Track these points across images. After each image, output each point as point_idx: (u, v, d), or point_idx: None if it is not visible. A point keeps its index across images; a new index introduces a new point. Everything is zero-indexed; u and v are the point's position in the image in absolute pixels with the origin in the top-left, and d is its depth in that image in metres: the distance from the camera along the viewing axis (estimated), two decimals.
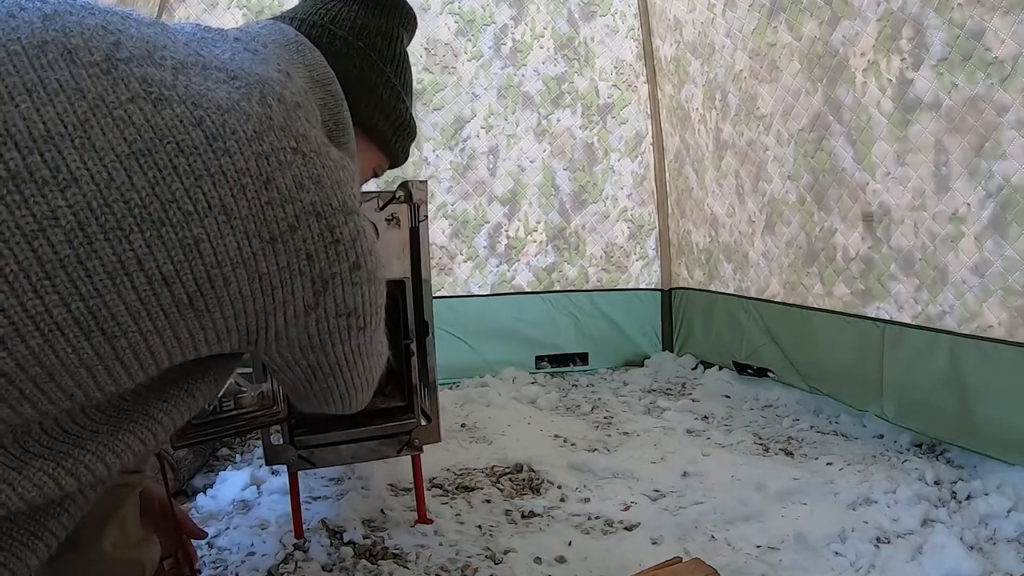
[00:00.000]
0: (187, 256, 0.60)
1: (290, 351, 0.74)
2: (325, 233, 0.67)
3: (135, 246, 0.58)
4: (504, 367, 3.24)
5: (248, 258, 0.63)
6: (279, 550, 1.61)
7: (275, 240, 0.64)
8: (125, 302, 0.58)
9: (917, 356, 2.11)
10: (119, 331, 0.59)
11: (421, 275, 1.68)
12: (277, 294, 0.66)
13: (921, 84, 1.97)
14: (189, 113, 0.61)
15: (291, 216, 0.65)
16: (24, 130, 0.55)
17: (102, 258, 0.56)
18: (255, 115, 0.65)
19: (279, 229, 0.64)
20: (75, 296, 0.56)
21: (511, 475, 2.10)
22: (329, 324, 0.71)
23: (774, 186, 2.69)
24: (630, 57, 3.43)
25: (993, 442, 1.90)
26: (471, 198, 3.30)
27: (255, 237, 0.63)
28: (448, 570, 1.54)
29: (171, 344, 0.63)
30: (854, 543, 1.58)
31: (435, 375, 1.74)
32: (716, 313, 3.18)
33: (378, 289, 0.75)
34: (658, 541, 1.66)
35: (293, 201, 0.65)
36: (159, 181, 0.59)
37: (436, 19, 3.19)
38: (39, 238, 0.55)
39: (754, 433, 2.44)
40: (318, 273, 0.67)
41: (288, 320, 0.68)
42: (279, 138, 0.65)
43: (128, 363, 0.61)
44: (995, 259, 1.84)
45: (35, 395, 0.57)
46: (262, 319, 0.67)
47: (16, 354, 0.55)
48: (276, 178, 0.64)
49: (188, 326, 0.63)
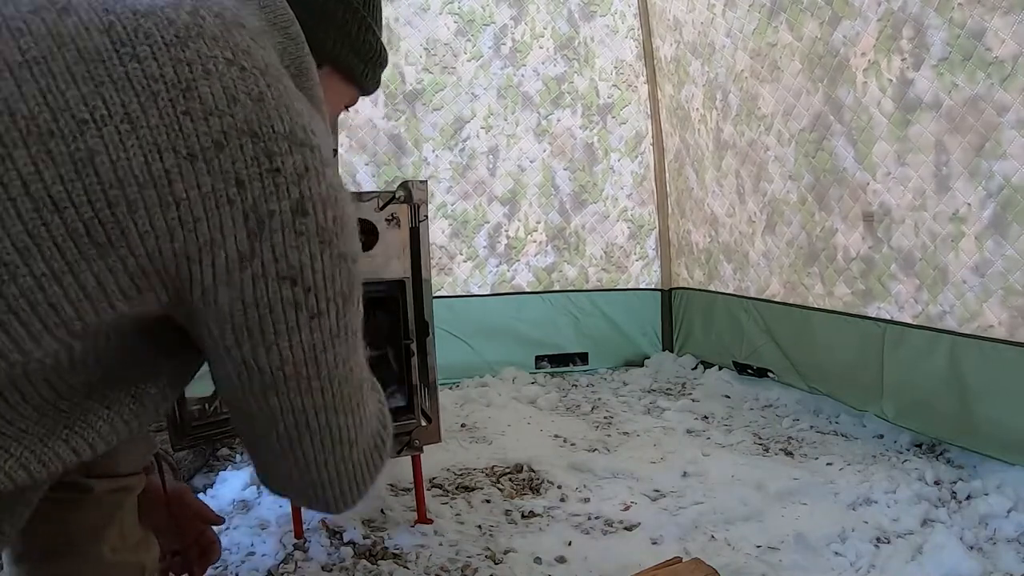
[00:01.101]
0: (80, 173, 0.50)
1: (221, 332, 0.58)
2: (262, 158, 0.55)
3: (19, 165, 0.50)
4: (504, 367, 3.24)
5: (159, 176, 0.52)
6: (279, 550, 1.61)
7: (194, 157, 0.53)
8: (10, 235, 0.50)
9: (917, 356, 2.11)
10: (6, 274, 0.50)
11: (421, 275, 1.68)
12: (201, 230, 0.53)
13: (921, 84, 1.97)
14: (97, 19, 0.53)
15: (216, 131, 0.53)
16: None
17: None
18: (181, 22, 0.55)
19: (200, 145, 0.53)
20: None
21: (511, 475, 2.10)
22: (269, 288, 0.56)
23: (775, 186, 2.69)
24: (630, 57, 3.43)
25: (993, 442, 1.90)
26: (471, 198, 3.30)
27: (168, 151, 0.52)
28: (448, 570, 1.54)
29: (75, 294, 0.52)
30: (854, 543, 1.58)
31: (435, 375, 1.74)
32: (716, 313, 3.18)
33: (336, 263, 0.59)
34: (658, 541, 1.66)
35: (221, 115, 0.54)
36: (51, 89, 0.51)
37: (436, 19, 3.19)
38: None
39: (754, 433, 2.44)
40: (251, 206, 0.54)
41: (218, 274, 0.55)
42: (209, 47, 0.55)
43: (27, 319, 0.51)
44: (995, 259, 1.84)
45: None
46: (183, 266, 0.54)
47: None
48: (200, 87, 0.53)
49: (92, 268, 0.52)
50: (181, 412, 1.35)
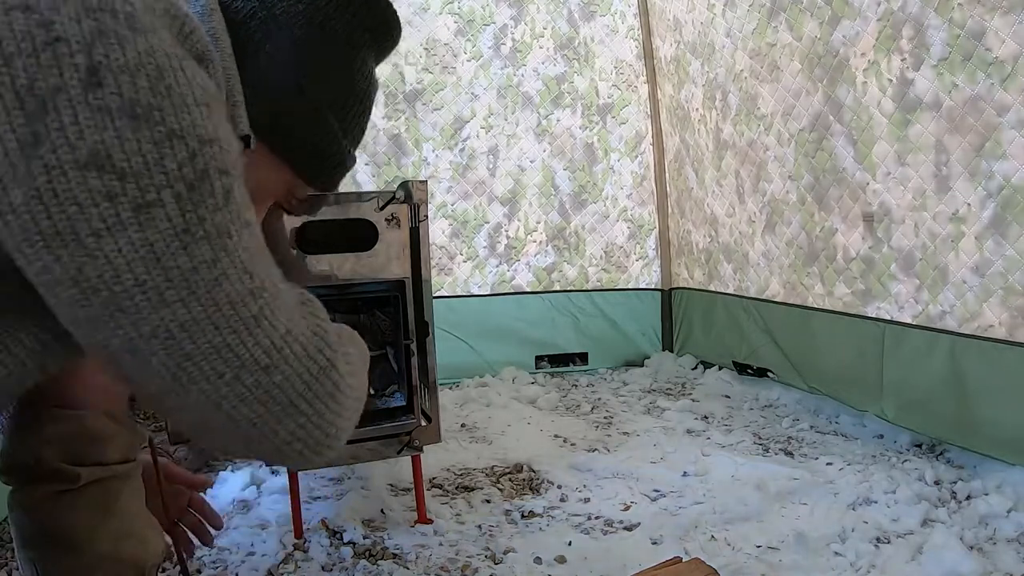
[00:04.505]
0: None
1: (33, 247, 0.48)
2: (35, 29, 0.46)
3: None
4: (504, 367, 3.24)
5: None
6: (279, 550, 1.61)
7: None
8: None
9: (917, 356, 2.11)
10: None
11: (421, 275, 1.68)
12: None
13: (921, 84, 1.97)
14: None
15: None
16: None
17: None
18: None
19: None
20: None
21: (511, 475, 2.10)
22: (70, 178, 0.47)
23: (774, 186, 2.69)
24: (630, 57, 3.43)
25: (993, 442, 1.90)
26: (471, 198, 3.30)
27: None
28: (448, 570, 1.54)
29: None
30: (854, 543, 1.58)
31: (435, 375, 1.74)
32: (716, 313, 3.18)
33: (160, 138, 0.49)
34: (658, 541, 1.66)
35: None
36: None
37: (436, 19, 3.19)
38: None
39: (754, 433, 2.44)
40: (24, 85, 0.46)
41: (1, 168, 0.47)
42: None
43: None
44: (995, 259, 1.84)
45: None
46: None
47: None
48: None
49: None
50: None
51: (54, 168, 0.47)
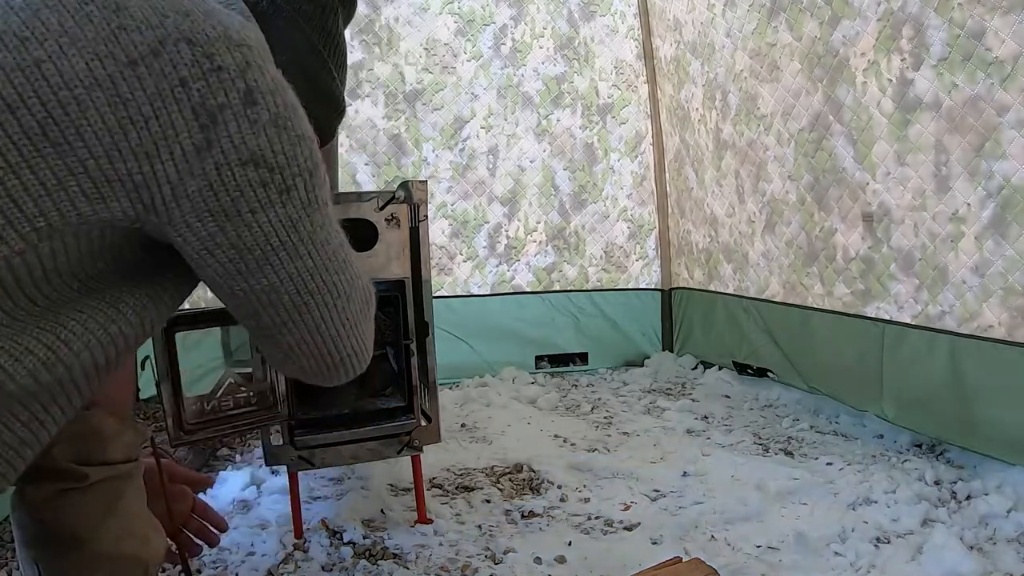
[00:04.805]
0: (28, 78, 0.56)
1: (200, 220, 0.63)
2: (201, 59, 0.60)
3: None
4: (504, 367, 3.24)
5: (103, 80, 0.57)
6: (279, 550, 1.61)
7: (135, 63, 0.58)
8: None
9: (917, 356, 2.11)
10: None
11: (421, 275, 1.68)
12: (152, 127, 0.59)
13: (921, 84, 1.97)
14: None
15: (151, 41, 0.59)
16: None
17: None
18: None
19: (138, 52, 0.58)
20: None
21: (511, 475, 2.10)
22: (235, 175, 0.62)
23: (774, 186, 2.69)
24: (630, 57, 3.43)
25: (993, 442, 1.90)
26: (471, 198, 3.30)
27: (108, 58, 0.58)
28: (448, 570, 1.54)
29: (36, 191, 0.57)
30: (854, 543, 1.58)
31: (435, 375, 1.74)
32: (716, 313, 3.18)
33: (295, 142, 0.65)
34: (658, 541, 1.66)
35: (153, 28, 0.59)
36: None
37: (436, 19, 3.19)
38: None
39: (754, 433, 2.44)
40: (199, 102, 0.60)
41: (179, 166, 0.60)
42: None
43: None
44: (995, 259, 1.84)
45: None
46: (144, 163, 0.59)
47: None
48: (128, 5, 0.59)
49: (51, 166, 0.57)
50: (180, 410, 1.35)
51: (222, 165, 0.62)
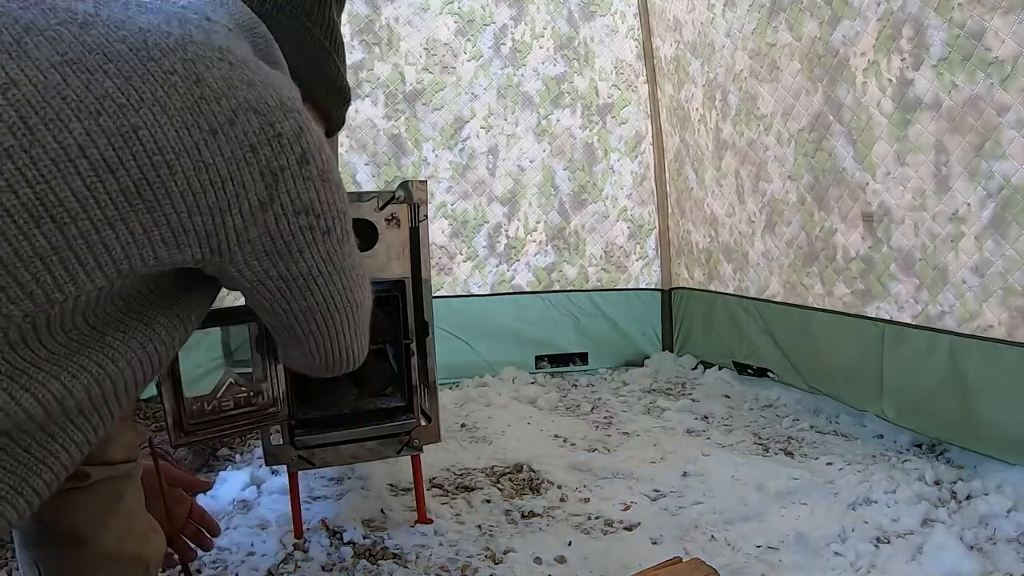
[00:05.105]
0: (127, 142, 0.63)
1: (257, 260, 0.74)
2: (266, 127, 0.69)
3: (75, 134, 0.61)
4: (504, 367, 3.24)
5: (190, 147, 0.65)
6: (279, 550, 1.61)
7: (215, 131, 0.67)
8: (71, 187, 0.61)
9: (917, 356, 2.11)
10: (68, 217, 0.61)
11: (421, 275, 1.68)
12: (228, 187, 0.68)
13: (921, 84, 1.97)
14: (113, 32, 0.66)
15: (228, 110, 0.67)
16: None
17: (44, 146, 0.60)
18: (175, 33, 0.68)
19: (217, 122, 0.67)
20: (22, 182, 0.59)
21: (511, 475, 2.10)
22: (290, 223, 0.73)
23: (774, 186, 2.69)
24: (630, 57, 3.43)
25: (993, 442, 1.90)
26: (471, 198, 3.30)
27: (194, 127, 0.65)
28: (448, 570, 1.54)
29: (125, 239, 0.64)
30: (854, 543, 1.58)
31: (435, 375, 1.74)
32: (716, 313, 3.18)
33: (333, 190, 0.76)
34: (658, 541, 1.66)
35: (227, 97, 0.68)
36: (91, 82, 0.62)
37: (436, 19, 3.19)
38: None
39: (754, 433, 2.44)
40: (265, 165, 0.70)
41: (245, 218, 0.70)
42: (201, 48, 0.69)
43: (83, 257, 0.63)
44: (995, 259, 1.84)
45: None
46: (217, 217, 0.68)
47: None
48: (205, 77, 0.67)
49: (140, 219, 0.64)
50: (180, 410, 1.35)
51: (280, 216, 0.72)
